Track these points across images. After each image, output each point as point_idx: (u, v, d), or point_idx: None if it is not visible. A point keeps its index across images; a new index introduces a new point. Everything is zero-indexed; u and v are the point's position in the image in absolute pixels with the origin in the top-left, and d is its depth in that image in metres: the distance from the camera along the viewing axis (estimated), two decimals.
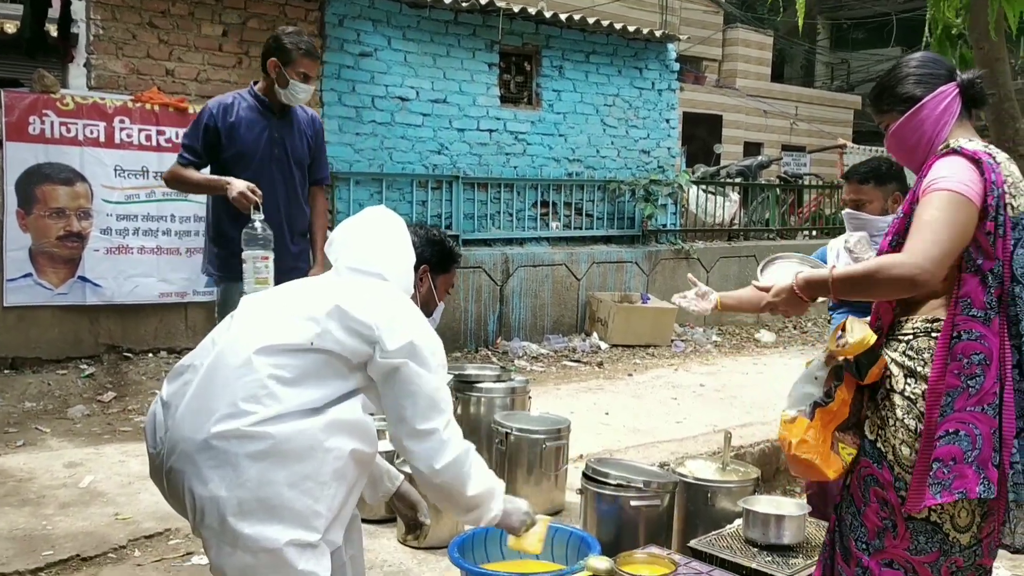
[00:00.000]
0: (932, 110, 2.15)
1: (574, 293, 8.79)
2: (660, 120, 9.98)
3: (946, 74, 2.19)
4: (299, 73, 4.03)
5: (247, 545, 2.03)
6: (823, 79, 24.87)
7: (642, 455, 4.74)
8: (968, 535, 2.07)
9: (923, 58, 2.25)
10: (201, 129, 4.04)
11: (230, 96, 4.14)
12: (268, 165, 4.08)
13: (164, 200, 6.43)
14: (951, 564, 2.09)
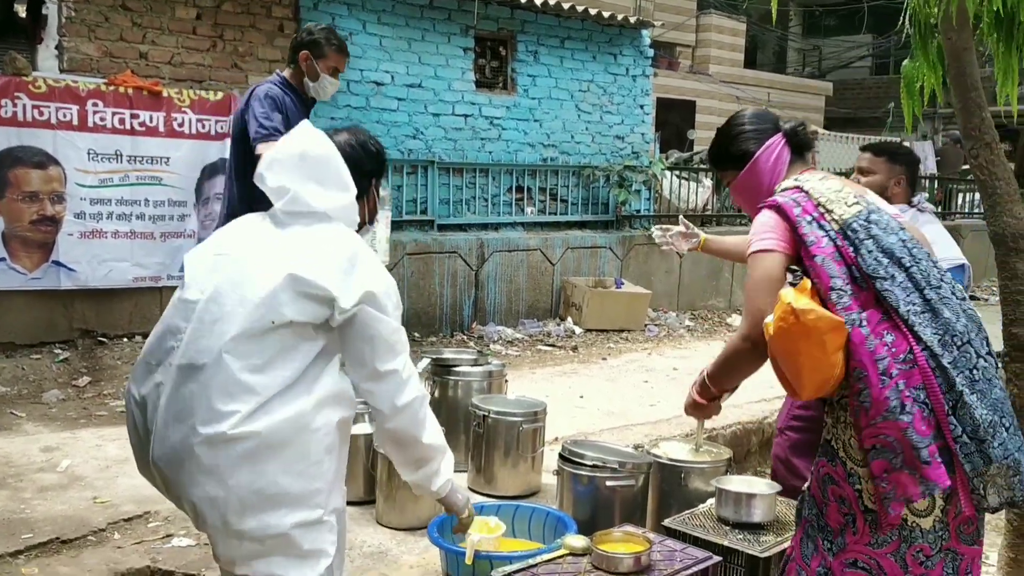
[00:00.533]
0: (765, 162, 2.35)
1: (549, 278, 8.85)
2: (634, 106, 10.03)
3: (772, 127, 2.40)
4: (330, 67, 4.14)
5: (253, 536, 2.05)
6: (795, 65, 25.01)
7: (617, 437, 4.81)
8: (930, 519, 2.05)
9: (752, 115, 2.45)
10: (277, 110, 4.06)
11: (270, 84, 4.16)
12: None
13: (138, 184, 6.40)
14: (916, 552, 2.06)
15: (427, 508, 3.59)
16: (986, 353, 2.06)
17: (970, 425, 1.97)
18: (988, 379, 2.03)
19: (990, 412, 2.00)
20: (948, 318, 2.03)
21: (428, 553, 3.29)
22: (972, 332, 2.05)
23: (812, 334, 1.97)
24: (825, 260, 2.07)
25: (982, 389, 2.01)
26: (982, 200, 3.58)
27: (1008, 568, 3.55)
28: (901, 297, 2.02)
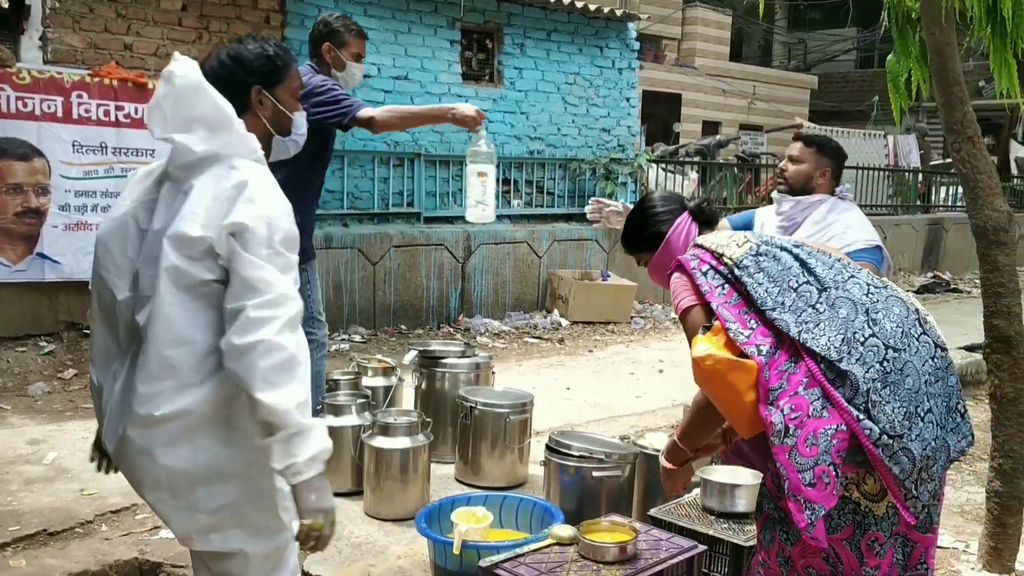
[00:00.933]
0: (676, 240, 2.49)
1: (535, 270, 8.87)
2: (620, 99, 10.05)
3: (679, 207, 2.55)
4: (353, 54, 4.09)
5: (202, 508, 2.02)
6: (780, 59, 25.10)
7: (603, 428, 4.84)
8: (883, 504, 2.06)
9: (660, 198, 2.61)
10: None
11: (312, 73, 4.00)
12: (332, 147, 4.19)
13: (123, 176, 6.36)
14: (870, 540, 2.08)
15: (414, 499, 3.61)
16: (901, 337, 2.05)
17: (886, 422, 1.97)
18: (899, 369, 2.01)
19: (903, 404, 1.99)
20: (846, 316, 2.05)
21: (416, 543, 3.31)
22: (877, 324, 2.05)
23: (715, 378, 2.06)
24: (719, 307, 2.15)
25: (894, 381, 2.00)
26: (964, 193, 3.62)
27: (988, 557, 3.60)
28: (791, 320, 2.05)
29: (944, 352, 2.13)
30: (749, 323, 2.10)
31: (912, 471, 1.99)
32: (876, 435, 1.96)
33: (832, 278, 2.13)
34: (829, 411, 1.97)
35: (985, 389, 3.99)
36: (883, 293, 2.14)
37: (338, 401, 3.95)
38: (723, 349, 2.08)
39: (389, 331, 7.73)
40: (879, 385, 1.99)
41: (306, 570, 3.16)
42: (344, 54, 4.07)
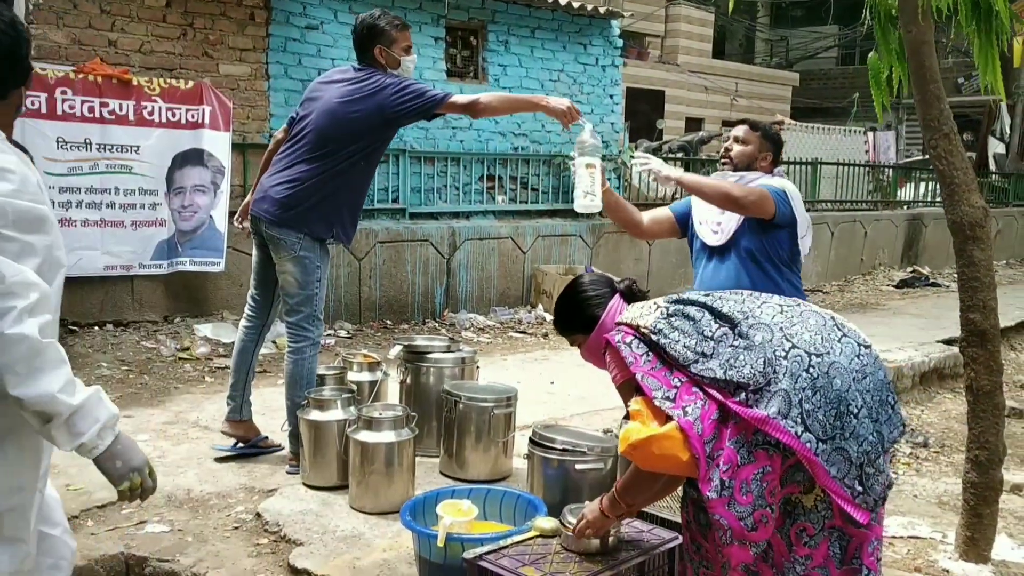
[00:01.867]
0: (609, 323, 2.51)
1: (520, 266, 8.91)
2: (604, 96, 10.10)
3: (609, 290, 2.60)
4: (403, 48, 4.04)
5: None
6: (763, 56, 25.22)
7: (586, 422, 4.88)
8: (811, 497, 2.12)
9: (590, 282, 2.64)
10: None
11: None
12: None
13: (108, 173, 6.37)
14: (799, 530, 2.12)
15: (399, 493, 3.64)
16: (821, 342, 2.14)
17: (818, 430, 2.04)
18: (826, 372, 2.09)
19: (833, 406, 2.07)
20: (763, 340, 2.15)
21: (401, 536, 3.34)
22: (795, 336, 2.15)
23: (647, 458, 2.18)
24: (644, 376, 2.24)
25: (823, 385, 2.08)
26: (941, 189, 3.68)
27: (965, 547, 3.66)
28: (715, 366, 2.15)
29: (868, 349, 2.20)
30: (673, 382, 2.20)
31: (850, 469, 2.07)
32: (814, 445, 2.04)
33: (741, 311, 2.25)
34: (756, 455, 2.06)
35: (962, 382, 4.05)
36: (796, 309, 2.25)
37: (323, 396, 3.97)
38: (648, 421, 2.19)
39: (374, 326, 7.75)
40: (809, 393, 2.07)
41: (292, 563, 3.19)
42: (395, 51, 4.03)
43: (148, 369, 5.96)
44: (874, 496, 2.11)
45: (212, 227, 6.68)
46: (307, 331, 4.05)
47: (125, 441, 1.91)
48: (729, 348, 2.16)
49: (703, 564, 2.29)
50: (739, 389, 2.12)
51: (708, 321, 2.24)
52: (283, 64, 7.60)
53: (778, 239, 3.55)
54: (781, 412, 2.05)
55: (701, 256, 3.73)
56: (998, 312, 3.62)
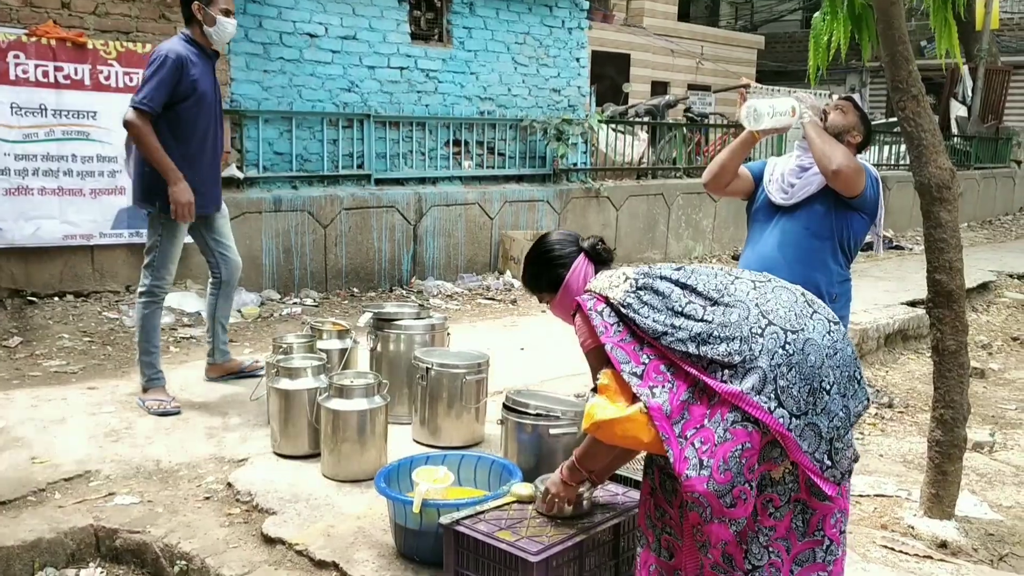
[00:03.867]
0: (575, 282, 2.56)
1: (487, 232, 8.87)
2: (570, 59, 10.03)
3: (576, 249, 2.62)
4: (221, 9, 4.36)
5: None
6: (727, 19, 25.18)
7: (558, 387, 4.89)
8: (780, 469, 2.14)
9: (557, 240, 2.66)
10: (176, 74, 4.29)
11: (176, 42, 4.38)
12: (214, 107, 4.53)
13: (64, 139, 6.22)
14: (765, 500, 2.15)
15: (372, 460, 3.62)
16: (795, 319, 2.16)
17: (792, 405, 2.07)
18: (801, 348, 2.11)
19: (807, 381, 2.09)
20: (738, 318, 2.15)
21: (375, 504, 3.33)
22: (771, 313, 2.16)
23: (609, 437, 2.22)
24: (614, 348, 2.26)
25: (798, 362, 2.10)
26: (908, 151, 3.70)
27: (930, 504, 3.73)
28: (686, 338, 2.17)
29: (837, 326, 2.23)
30: (642, 359, 2.21)
31: (820, 443, 2.10)
32: (787, 420, 2.06)
33: (716, 288, 2.25)
34: (734, 432, 2.06)
35: (927, 342, 4.10)
36: (768, 285, 2.27)
37: (293, 364, 3.94)
38: (615, 397, 2.21)
39: (341, 294, 7.70)
40: (785, 369, 2.09)
41: (265, 532, 3.17)
42: (213, 10, 4.35)
43: (111, 340, 5.87)
44: (841, 470, 2.15)
45: None
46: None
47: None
48: (701, 323, 2.17)
49: (666, 531, 2.30)
50: (713, 364, 2.13)
51: (679, 296, 2.24)
52: (244, 27, 7.44)
53: (848, 221, 3.53)
54: (755, 388, 2.07)
55: (759, 215, 3.70)
56: (964, 273, 3.66)
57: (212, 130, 4.54)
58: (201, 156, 4.52)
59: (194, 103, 4.39)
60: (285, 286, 7.47)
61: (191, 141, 4.43)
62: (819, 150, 3.43)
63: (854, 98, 3.82)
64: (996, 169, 17.35)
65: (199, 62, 4.42)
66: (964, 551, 3.56)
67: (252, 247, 7.25)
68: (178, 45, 4.38)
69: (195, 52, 4.42)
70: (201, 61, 4.44)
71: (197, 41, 4.45)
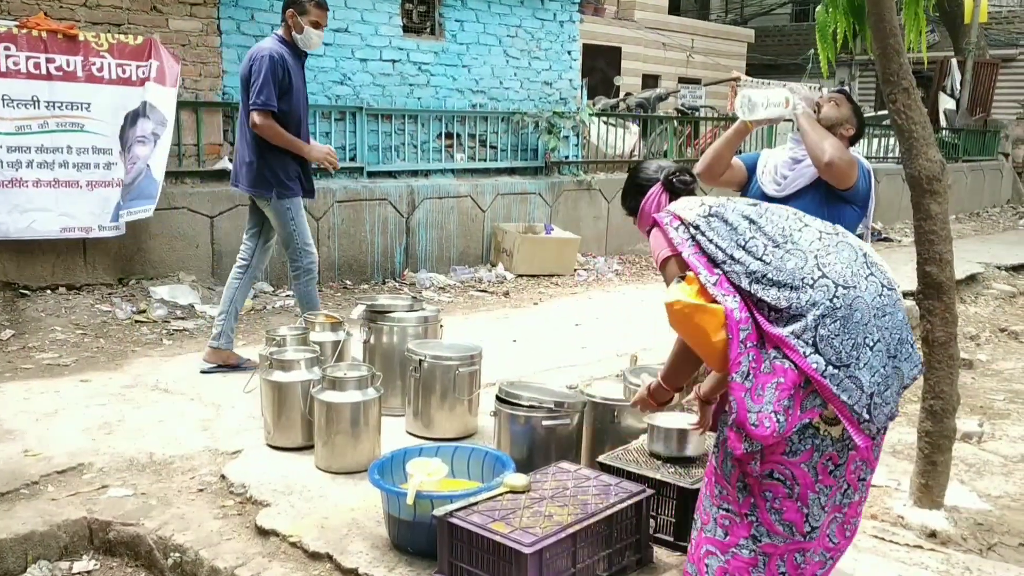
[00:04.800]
0: (648, 207, 2.75)
1: (479, 224, 8.88)
2: (562, 52, 10.03)
3: (656, 178, 2.78)
4: (312, 21, 4.78)
5: None
6: (718, 12, 25.18)
7: (550, 379, 4.89)
8: (839, 427, 2.22)
9: (644, 167, 2.87)
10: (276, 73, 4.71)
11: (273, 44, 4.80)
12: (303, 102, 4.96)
13: (58, 131, 6.18)
14: (827, 461, 2.23)
15: (366, 452, 3.63)
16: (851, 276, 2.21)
17: (832, 354, 2.14)
18: (849, 304, 2.17)
19: (851, 336, 2.16)
20: (794, 266, 2.21)
21: (368, 496, 3.34)
22: (827, 267, 2.22)
23: (684, 321, 2.27)
24: (690, 256, 2.36)
25: (844, 316, 2.16)
26: (899, 143, 3.72)
27: (919, 494, 3.76)
28: (741, 272, 2.25)
29: (891, 291, 2.29)
30: (715, 271, 2.30)
31: (862, 397, 2.16)
32: (822, 367, 2.13)
33: (782, 232, 2.30)
34: (774, 366, 2.15)
35: (917, 333, 4.13)
36: (834, 239, 2.31)
37: (286, 356, 3.94)
38: (695, 296, 2.27)
39: (334, 286, 7.69)
40: (828, 320, 2.15)
41: (259, 524, 3.18)
42: (304, 21, 4.76)
43: (104, 333, 5.86)
44: (877, 425, 2.22)
45: (148, 176, 6.43)
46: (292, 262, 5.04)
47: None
48: (759, 262, 2.24)
49: (723, 508, 2.34)
50: (762, 303, 2.21)
51: (745, 229, 2.32)
52: (235, 19, 7.43)
53: (840, 213, 3.52)
54: (795, 333, 2.15)
55: None
56: (953, 265, 3.69)
57: (304, 123, 4.97)
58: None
59: (290, 97, 4.80)
60: (278, 278, 7.47)
61: (293, 132, 4.84)
62: (812, 142, 3.45)
63: (847, 91, 3.84)
64: (984, 162, 17.41)
65: (292, 61, 4.83)
66: (953, 541, 3.59)
67: None
68: (272, 44, 4.79)
69: (288, 51, 4.82)
70: (292, 59, 4.83)
71: (287, 41, 4.84)
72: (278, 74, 4.72)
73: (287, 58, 4.78)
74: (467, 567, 2.62)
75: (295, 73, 4.84)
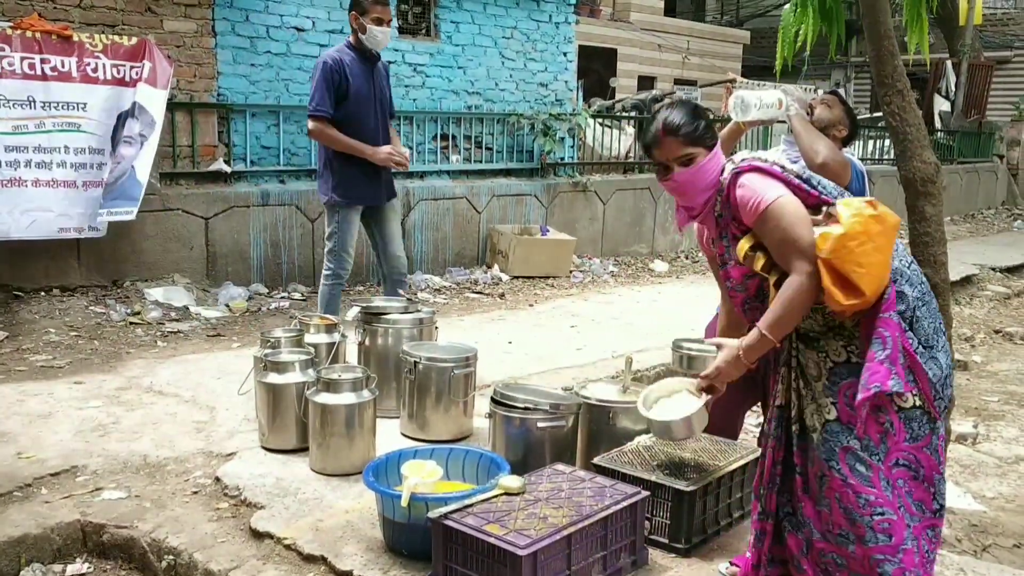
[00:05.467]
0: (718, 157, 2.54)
1: (475, 226, 8.87)
2: (557, 53, 10.03)
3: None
4: (374, 19, 4.81)
5: None
6: (714, 14, 25.20)
7: (545, 381, 4.90)
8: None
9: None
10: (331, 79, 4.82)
11: (332, 51, 4.94)
12: (373, 106, 4.98)
13: (55, 131, 6.13)
14: (941, 441, 2.36)
15: (361, 454, 3.62)
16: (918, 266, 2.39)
17: (923, 335, 2.27)
18: (929, 292, 2.34)
19: (932, 320, 2.31)
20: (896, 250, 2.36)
21: (363, 498, 3.33)
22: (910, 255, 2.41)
23: (889, 228, 2.27)
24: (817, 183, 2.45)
25: (928, 301, 2.32)
26: (893, 145, 3.73)
27: None
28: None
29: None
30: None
31: (941, 376, 2.30)
32: (915, 345, 2.26)
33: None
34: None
35: None
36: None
37: (281, 358, 3.93)
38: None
39: None
40: (920, 303, 2.30)
41: (253, 527, 3.17)
42: (366, 20, 4.81)
43: (98, 334, 5.85)
44: (945, 404, 2.34)
45: (132, 177, 6.36)
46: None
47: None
48: None
49: (877, 514, 2.31)
50: None
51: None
52: (230, 20, 7.41)
53: None
54: (898, 311, 2.25)
55: None
56: (948, 267, 3.69)
57: (374, 127, 4.98)
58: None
59: (352, 103, 4.87)
60: (273, 280, 7.46)
61: (356, 137, 4.90)
62: (805, 143, 3.45)
63: (840, 93, 3.84)
64: (979, 163, 17.44)
65: (355, 65, 4.89)
66: (948, 542, 3.60)
67: (240, 241, 7.23)
68: (335, 51, 4.92)
69: (352, 56, 4.90)
70: (358, 64, 4.90)
71: (356, 46, 4.92)
72: (333, 80, 4.81)
73: (347, 63, 4.85)
74: (462, 569, 2.61)
75: (358, 77, 4.88)
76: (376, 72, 5.04)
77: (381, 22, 4.84)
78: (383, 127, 5.10)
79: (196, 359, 5.39)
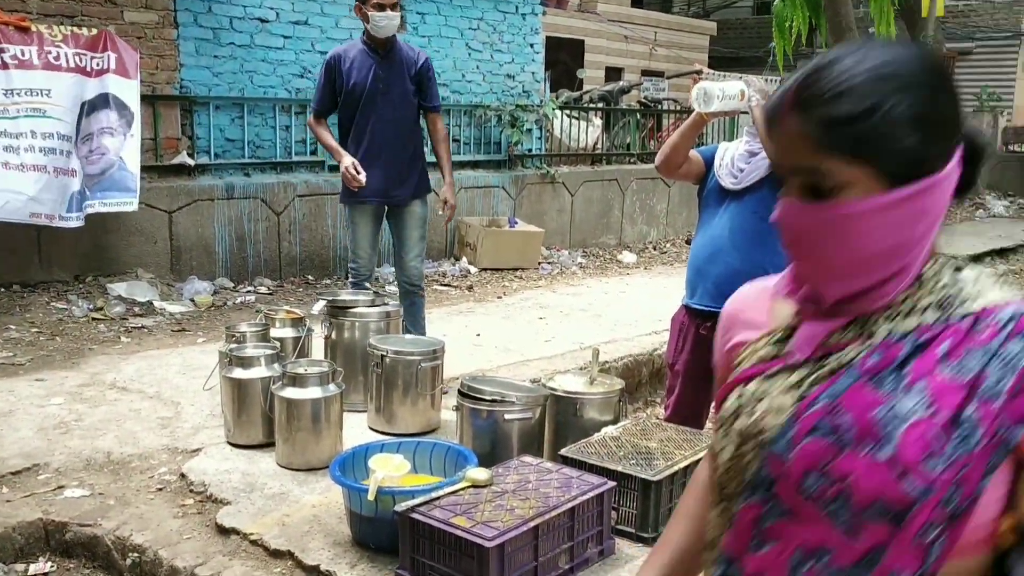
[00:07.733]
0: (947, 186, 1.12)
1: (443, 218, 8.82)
2: (524, 45, 10.01)
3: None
4: (374, 4, 4.65)
5: None
6: (680, 5, 25.28)
7: (514, 373, 4.91)
8: None
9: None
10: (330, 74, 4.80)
11: (345, 46, 4.94)
12: (376, 100, 4.79)
13: (20, 117, 5.94)
14: None
15: (327, 448, 3.61)
16: None
17: None
18: None
19: None
20: None
21: (330, 492, 3.32)
22: None
23: None
24: None
25: None
26: None
27: None
28: None
29: None
30: None
31: None
32: None
33: None
34: None
35: None
36: None
37: (246, 353, 3.90)
38: None
39: (296, 282, 7.63)
40: None
41: (219, 523, 3.15)
42: (368, 8, 4.67)
43: (60, 331, 5.76)
44: None
45: (123, 168, 6.27)
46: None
47: None
48: None
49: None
50: None
51: None
52: (192, 11, 7.31)
53: None
54: None
55: (710, 200, 3.69)
56: None
57: (379, 123, 4.82)
58: (370, 147, 4.85)
59: (348, 98, 4.80)
60: (238, 274, 7.39)
61: (357, 132, 4.83)
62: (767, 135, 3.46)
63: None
64: None
65: (359, 58, 4.78)
66: None
67: (204, 235, 7.15)
68: (343, 46, 4.93)
69: (361, 49, 4.81)
70: (362, 57, 4.79)
71: (367, 39, 4.82)
72: (330, 76, 4.79)
73: (349, 57, 4.78)
74: (429, 562, 2.61)
75: (359, 71, 4.75)
76: (390, 66, 4.81)
77: (383, 7, 4.68)
78: (397, 123, 4.88)
79: (160, 355, 5.33)
